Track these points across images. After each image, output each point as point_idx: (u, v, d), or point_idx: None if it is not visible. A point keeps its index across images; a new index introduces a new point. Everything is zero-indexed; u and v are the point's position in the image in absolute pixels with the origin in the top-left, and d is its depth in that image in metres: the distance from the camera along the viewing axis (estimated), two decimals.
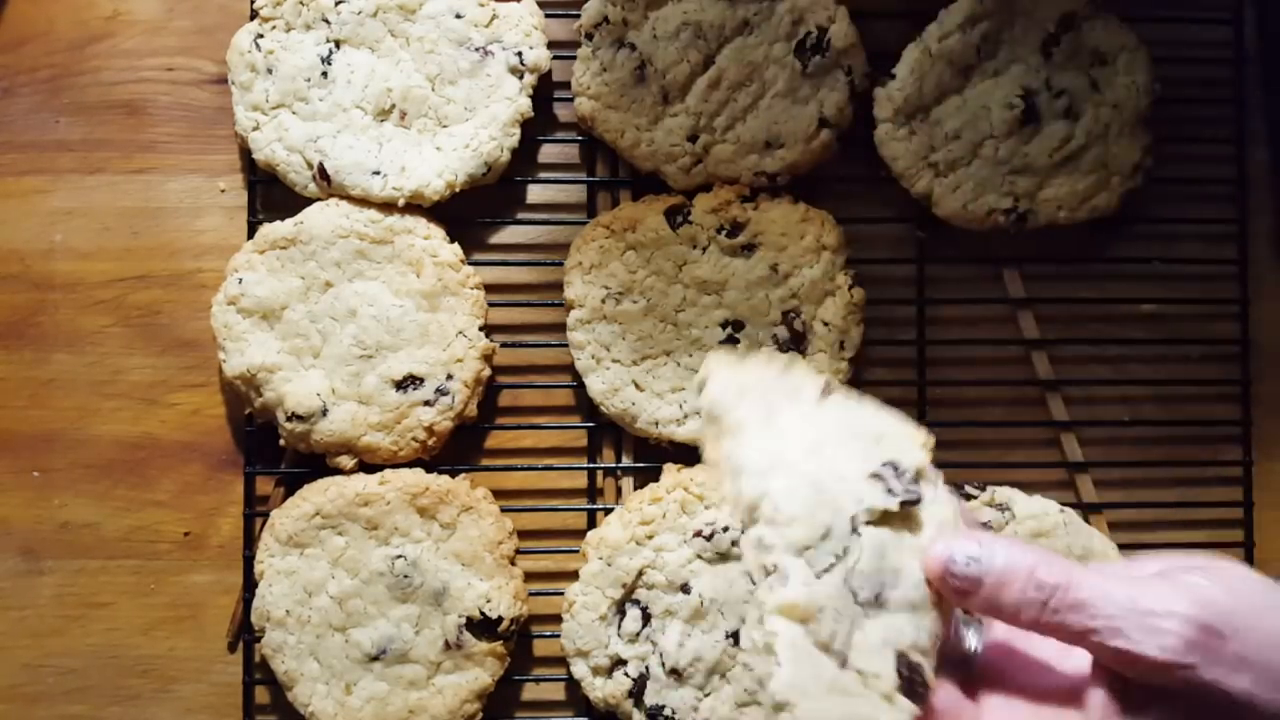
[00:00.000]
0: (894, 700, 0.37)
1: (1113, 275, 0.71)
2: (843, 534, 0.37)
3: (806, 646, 0.36)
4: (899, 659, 0.37)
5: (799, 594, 0.36)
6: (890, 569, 0.38)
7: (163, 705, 0.69)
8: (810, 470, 0.38)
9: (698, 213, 0.67)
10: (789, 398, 0.41)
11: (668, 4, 0.67)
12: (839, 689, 0.36)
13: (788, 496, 0.37)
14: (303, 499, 0.66)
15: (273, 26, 0.67)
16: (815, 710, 0.35)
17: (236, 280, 0.66)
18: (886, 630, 0.37)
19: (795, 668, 0.35)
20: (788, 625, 0.36)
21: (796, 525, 0.37)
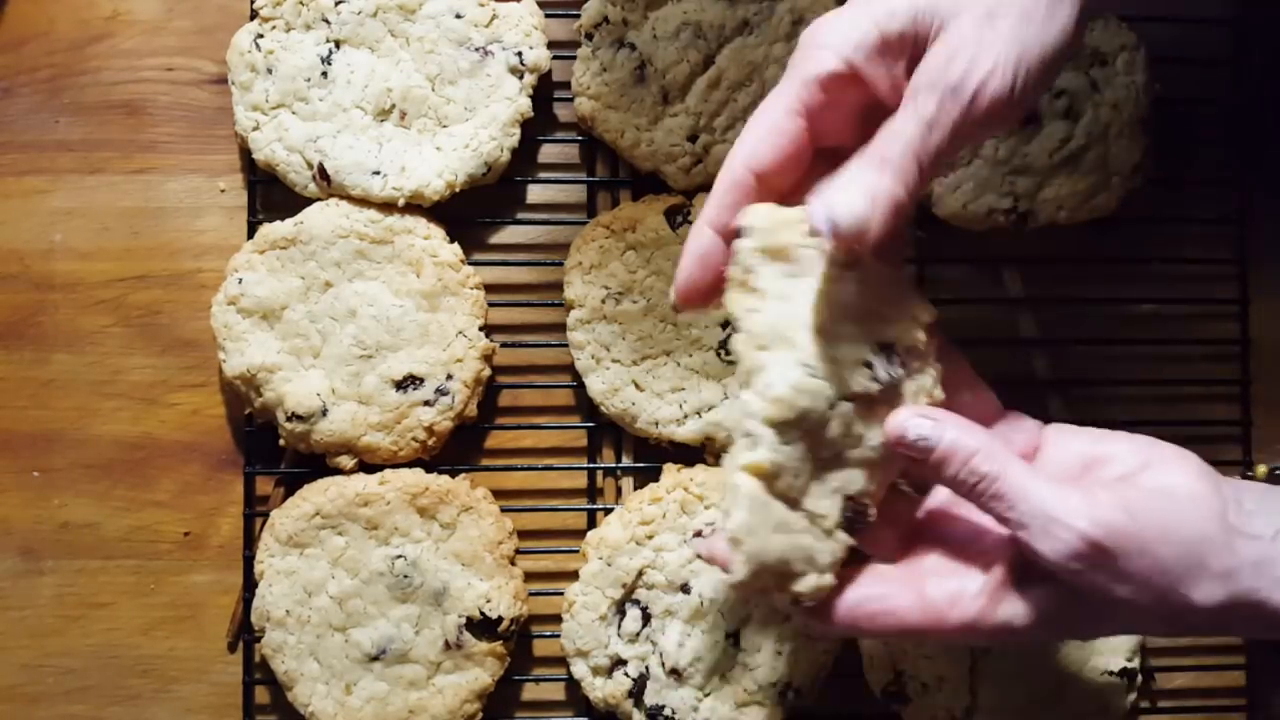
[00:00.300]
0: (834, 534, 0.43)
1: (1113, 275, 0.71)
2: (819, 415, 0.42)
3: (762, 497, 0.42)
4: (845, 502, 0.44)
5: (764, 457, 0.41)
6: (855, 435, 0.43)
7: (162, 705, 0.69)
8: (808, 351, 0.42)
9: (698, 213, 0.67)
10: (813, 261, 0.43)
11: (668, 4, 0.67)
12: (784, 527, 0.42)
13: (779, 377, 0.41)
14: (303, 499, 0.66)
15: (273, 26, 0.68)
16: (758, 545, 0.42)
17: (236, 280, 0.66)
18: (840, 481, 0.43)
19: (749, 514, 0.41)
20: (749, 480, 0.42)
21: (779, 405, 0.41)
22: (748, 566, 0.42)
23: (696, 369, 0.67)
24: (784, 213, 0.43)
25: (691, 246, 0.46)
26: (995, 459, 0.42)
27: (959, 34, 0.42)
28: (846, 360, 0.43)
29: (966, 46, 0.42)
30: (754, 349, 0.42)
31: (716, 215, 0.45)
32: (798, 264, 0.43)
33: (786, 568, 0.42)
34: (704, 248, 0.46)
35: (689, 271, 0.46)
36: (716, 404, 0.67)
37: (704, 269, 0.46)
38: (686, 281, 0.46)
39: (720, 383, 0.67)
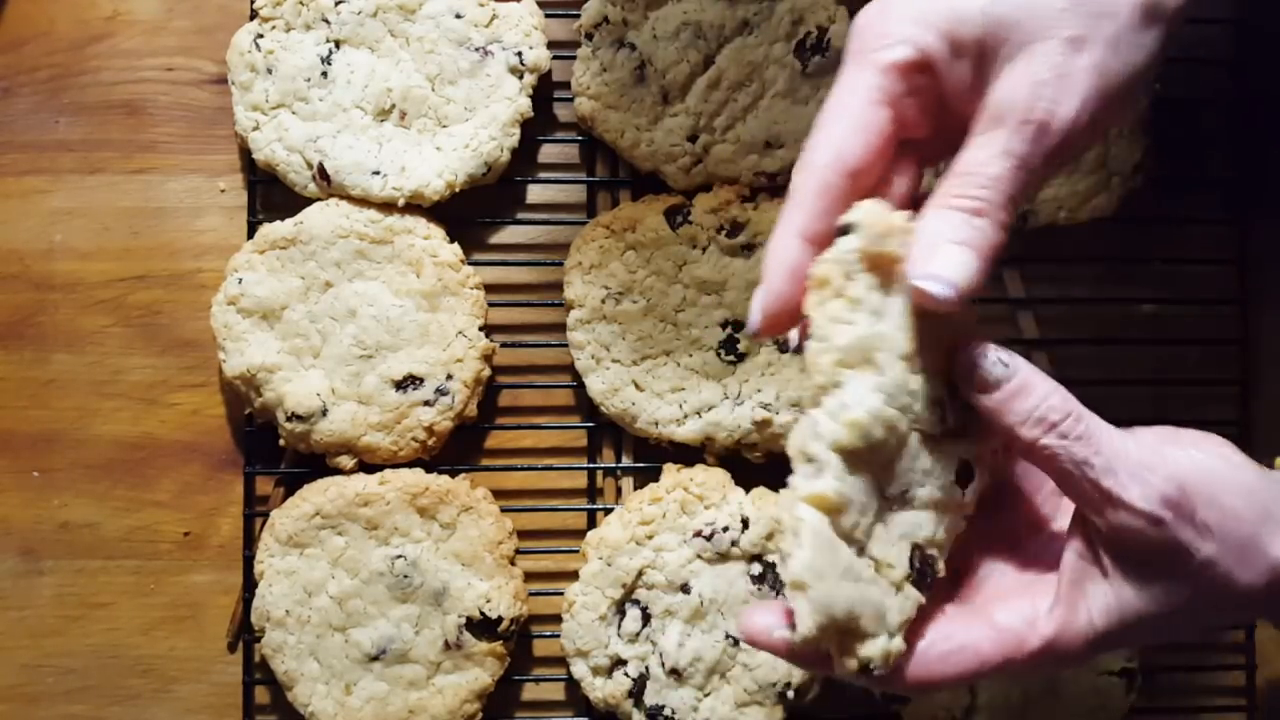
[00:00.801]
0: (903, 589, 0.39)
1: (1113, 275, 0.71)
2: (890, 449, 0.38)
3: (828, 534, 0.37)
4: (914, 551, 0.39)
5: (830, 488, 0.37)
6: (922, 470, 0.39)
7: (163, 705, 0.69)
8: (892, 378, 0.38)
9: (698, 213, 0.67)
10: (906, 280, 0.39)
11: (667, 4, 0.67)
12: (853, 575, 0.37)
13: (857, 401, 0.37)
14: (302, 499, 0.66)
15: (272, 26, 0.68)
16: (826, 591, 0.37)
17: (236, 280, 0.66)
18: (907, 525, 0.39)
19: (815, 553, 0.36)
20: (814, 514, 0.37)
21: (853, 431, 0.37)
22: (815, 618, 0.36)
23: (696, 369, 0.67)
24: (894, 217, 0.39)
25: (778, 259, 0.40)
26: (1074, 401, 0.39)
27: (1045, 63, 0.39)
28: (923, 395, 0.39)
29: (1052, 79, 0.39)
30: (834, 363, 0.37)
31: (807, 223, 0.40)
32: (894, 279, 0.39)
33: (855, 624, 0.37)
34: (794, 260, 0.40)
35: (778, 288, 0.40)
36: (716, 404, 0.67)
37: (796, 284, 0.40)
38: (776, 301, 0.40)
39: (720, 382, 0.67)
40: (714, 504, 0.65)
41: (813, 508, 0.37)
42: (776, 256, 0.40)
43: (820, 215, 0.40)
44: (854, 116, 0.40)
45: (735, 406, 0.67)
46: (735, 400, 0.67)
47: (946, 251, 0.38)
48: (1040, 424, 0.39)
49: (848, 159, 0.40)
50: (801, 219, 0.40)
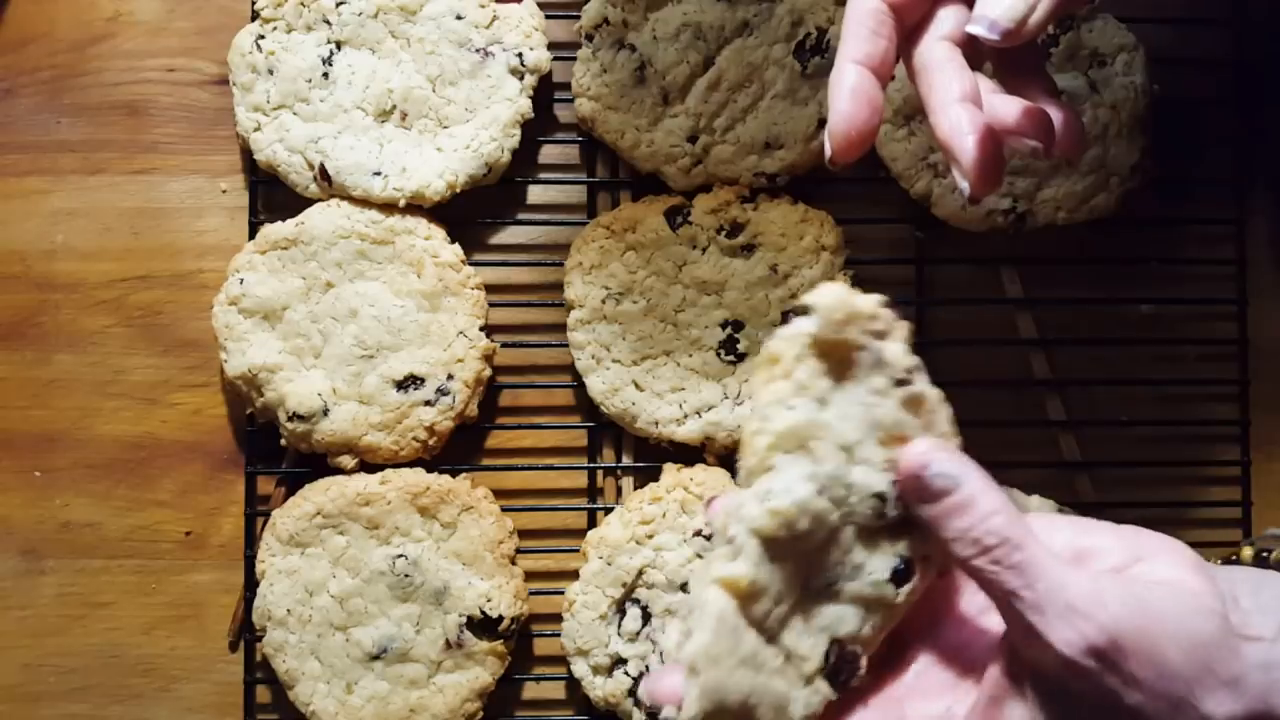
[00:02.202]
0: (813, 682, 0.37)
1: (1112, 275, 0.71)
2: (817, 539, 0.37)
3: (733, 620, 0.36)
4: (832, 645, 0.37)
5: (744, 573, 0.36)
6: (853, 565, 0.38)
7: (164, 704, 0.69)
8: (827, 469, 0.37)
9: (698, 213, 0.67)
10: (863, 369, 0.37)
11: (668, 5, 0.67)
12: (755, 663, 0.36)
13: (785, 489, 0.36)
14: (304, 499, 0.66)
15: (274, 28, 0.68)
16: (718, 678, 0.35)
17: (238, 280, 0.67)
18: (829, 618, 0.38)
19: (714, 637, 0.35)
20: (722, 596, 0.36)
21: (775, 519, 0.36)
22: (701, 704, 0.35)
23: (696, 369, 0.67)
24: (856, 300, 0.37)
25: (844, 83, 0.42)
26: (1018, 525, 0.36)
27: None
28: (862, 488, 0.37)
29: None
30: (768, 446, 0.36)
31: (859, 48, 0.42)
32: (848, 366, 0.37)
33: (750, 713, 0.36)
34: (853, 81, 0.41)
35: (849, 109, 0.41)
36: (716, 404, 0.67)
37: (862, 105, 0.41)
38: (843, 120, 0.41)
39: (720, 382, 0.67)
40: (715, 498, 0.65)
41: (723, 590, 0.36)
42: (837, 81, 0.42)
43: (869, 39, 0.42)
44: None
45: (735, 406, 0.67)
46: (735, 400, 0.67)
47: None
48: (975, 545, 0.36)
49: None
50: (854, 46, 0.42)
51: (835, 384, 0.37)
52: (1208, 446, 0.71)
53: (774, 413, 0.36)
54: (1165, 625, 0.36)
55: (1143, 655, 0.35)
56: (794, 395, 0.37)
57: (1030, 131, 0.44)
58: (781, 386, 0.37)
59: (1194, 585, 0.37)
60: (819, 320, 0.36)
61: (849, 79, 0.42)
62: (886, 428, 0.37)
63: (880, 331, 0.37)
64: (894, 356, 0.37)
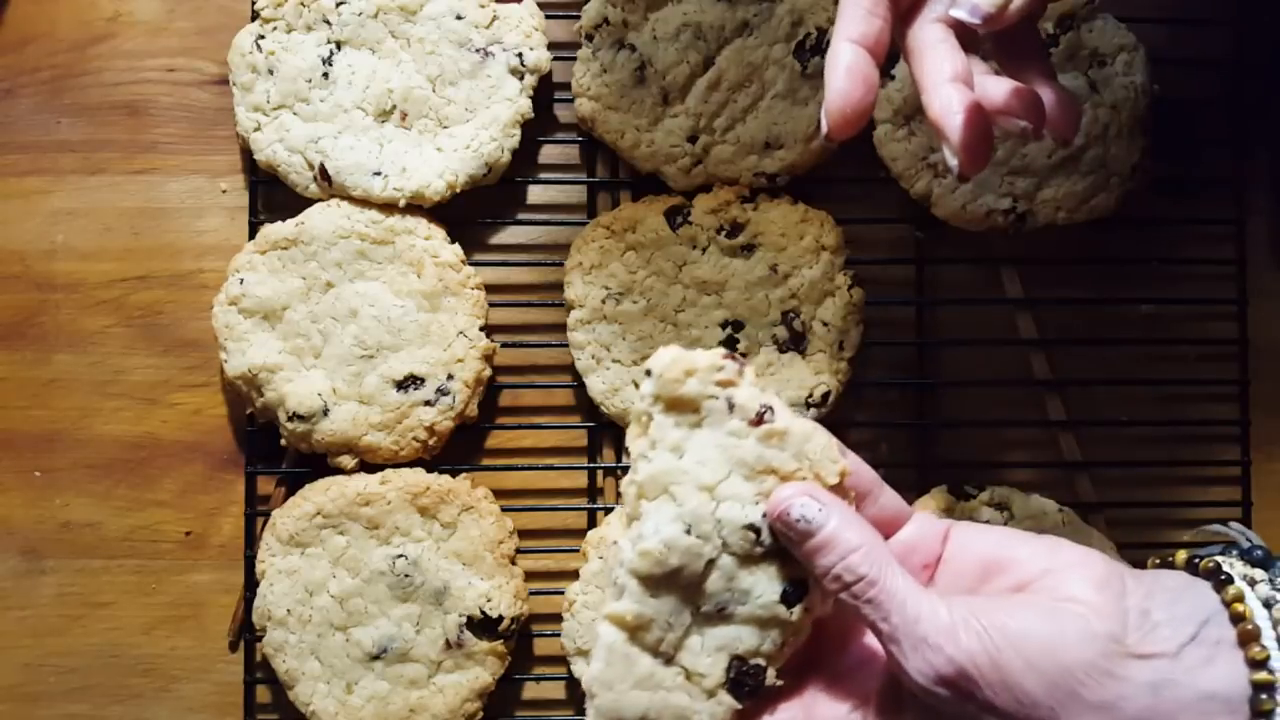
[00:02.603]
0: (716, 695, 0.41)
1: (1112, 275, 0.71)
2: (693, 573, 0.40)
3: (623, 649, 0.40)
4: (732, 661, 0.41)
5: (628, 609, 0.40)
6: (740, 590, 0.41)
7: (164, 704, 0.69)
8: (691, 508, 0.40)
9: (698, 213, 0.67)
10: (721, 413, 0.41)
11: (668, 5, 0.67)
12: (652, 684, 0.40)
13: (652, 531, 0.40)
14: (304, 499, 0.66)
15: (274, 28, 0.68)
16: (613, 700, 0.40)
17: (238, 280, 0.67)
18: (725, 638, 0.41)
19: (606, 665, 0.40)
20: (610, 630, 0.40)
21: (646, 560, 0.40)
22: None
23: None
24: (692, 358, 0.41)
25: (840, 61, 0.43)
26: (876, 561, 0.39)
27: None
28: (732, 521, 0.40)
29: None
30: (635, 496, 0.41)
31: (855, 27, 0.43)
32: (699, 414, 0.41)
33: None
34: (849, 59, 0.43)
35: (844, 86, 0.43)
36: None
37: (857, 82, 0.43)
38: (839, 96, 0.43)
39: None
40: None
41: (610, 624, 0.40)
42: (833, 59, 0.43)
43: (865, 18, 0.43)
44: None
45: None
46: None
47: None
48: (837, 580, 0.39)
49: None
50: (849, 26, 0.43)
51: (691, 432, 0.41)
52: (1207, 446, 0.71)
53: (636, 465, 0.41)
54: (1026, 653, 0.37)
55: (996, 684, 0.37)
56: (650, 449, 0.41)
57: (1019, 111, 0.44)
58: (640, 442, 0.41)
59: (1092, 602, 0.38)
60: (655, 382, 0.41)
61: (845, 57, 0.43)
62: (750, 465, 0.41)
63: (726, 380, 0.41)
64: (744, 400, 0.41)
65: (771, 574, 0.41)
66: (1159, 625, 0.38)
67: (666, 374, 0.41)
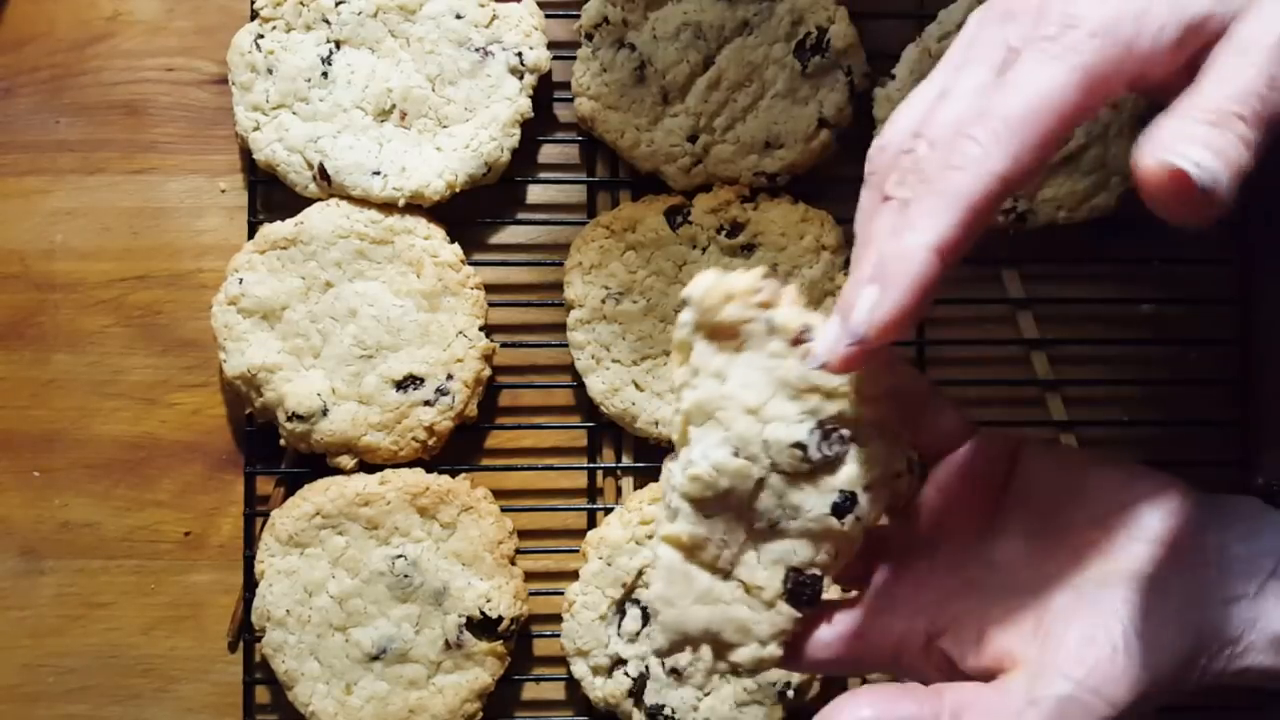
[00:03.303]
0: (775, 605, 0.42)
1: (1112, 275, 0.71)
2: (744, 493, 0.41)
3: (681, 568, 0.41)
4: (788, 573, 0.42)
5: (682, 530, 0.41)
6: (791, 505, 0.41)
7: (163, 705, 0.69)
8: (738, 431, 0.41)
9: (698, 213, 0.67)
10: (761, 336, 0.41)
11: (668, 4, 0.67)
12: (711, 598, 0.41)
13: (701, 456, 0.41)
14: (303, 499, 0.66)
15: (273, 27, 0.68)
16: (676, 615, 0.41)
17: (237, 280, 0.67)
18: (779, 552, 0.42)
19: (667, 584, 0.41)
20: (668, 551, 0.41)
21: (697, 484, 0.41)
22: (666, 636, 0.42)
23: None
24: (730, 282, 0.41)
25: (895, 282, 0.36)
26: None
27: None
28: (779, 441, 0.41)
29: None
30: (683, 423, 0.42)
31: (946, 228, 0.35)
32: (740, 339, 0.41)
33: (716, 638, 0.42)
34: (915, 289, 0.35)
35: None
36: None
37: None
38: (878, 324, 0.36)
39: None
40: None
41: (667, 545, 0.41)
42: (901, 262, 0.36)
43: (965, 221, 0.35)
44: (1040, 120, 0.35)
45: None
46: None
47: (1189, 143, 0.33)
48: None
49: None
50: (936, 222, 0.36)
51: (733, 357, 0.42)
52: (1208, 447, 0.71)
53: (681, 394, 0.42)
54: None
55: None
56: (693, 377, 0.41)
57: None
58: (682, 371, 0.42)
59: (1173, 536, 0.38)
60: (694, 309, 0.41)
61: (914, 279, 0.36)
62: (794, 384, 0.41)
63: (766, 302, 0.41)
64: (784, 320, 0.41)
65: (821, 488, 0.41)
66: (1236, 561, 0.38)
67: (705, 300, 0.41)
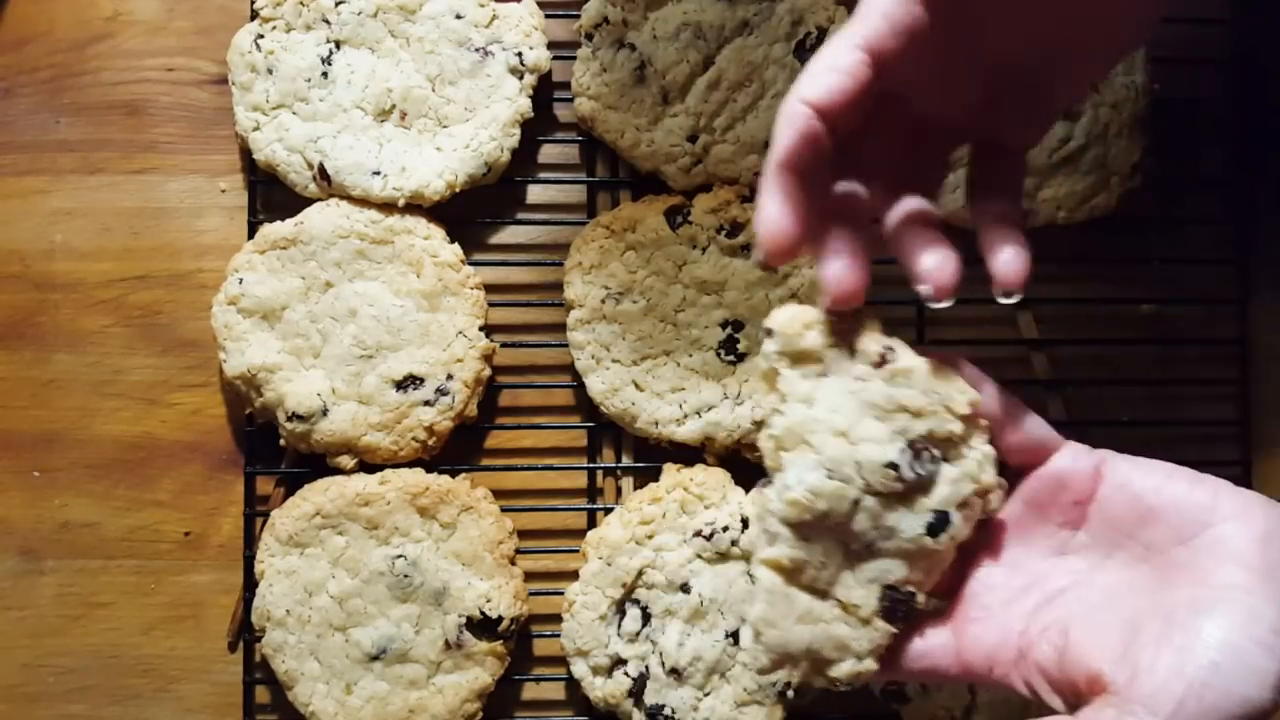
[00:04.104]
0: (871, 623, 0.43)
1: (1113, 275, 0.71)
2: (841, 514, 0.42)
3: (781, 590, 0.43)
4: (884, 591, 0.43)
5: (782, 554, 0.42)
6: (886, 526, 0.43)
7: (163, 705, 0.69)
8: (830, 455, 0.42)
9: (697, 213, 0.67)
10: (844, 361, 0.43)
11: (668, 4, 0.67)
12: (811, 618, 0.43)
13: (796, 480, 0.42)
14: (303, 499, 0.66)
15: (273, 27, 0.68)
16: (778, 635, 0.43)
17: (237, 280, 0.67)
18: (876, 570, 0.43)
19: (768, 606, 0.43)
20: (768, 574, 0.43)
21: (795, 508, 0.42)
22: (768, 657, 0.43)
23: (696, 369, 0.67)
24: (809, 312, 0.43)
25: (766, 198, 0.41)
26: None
27: None
28: (872, 461, 0.42)
29: None
30: (775, 449, 0.43)
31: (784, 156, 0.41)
32: (823, 364, 0.43)
33: (816, 656, 0.43)
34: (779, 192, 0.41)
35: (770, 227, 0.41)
36: (716, 404, 0.67)
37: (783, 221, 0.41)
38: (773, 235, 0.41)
39: (720, 382, 0.67)
40: (714, 504, 0.65)
41: (768, 569, 0.43)
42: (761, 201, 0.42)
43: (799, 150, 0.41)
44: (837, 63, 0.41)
45: (735, 406, 0.67)
46: (735, 400, 0.67)
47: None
48: None
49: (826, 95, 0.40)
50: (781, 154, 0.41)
51: (818, 382, 0.43)
52: (1208, 446, 0.71)
53: (771, 420, 0.43)
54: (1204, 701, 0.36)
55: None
56: (781, 403, 0.43)
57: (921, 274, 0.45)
58: (771, 399, 0.44)
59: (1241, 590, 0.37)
60: (778, 339, 0.43)
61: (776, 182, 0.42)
62: (880, 405, 0.42)
63: (845, 329, 0.43)
64: (865, 344, 0.43)
65: (915, 508, 0.43)
66: None
67: (787, 330, 0.43)
